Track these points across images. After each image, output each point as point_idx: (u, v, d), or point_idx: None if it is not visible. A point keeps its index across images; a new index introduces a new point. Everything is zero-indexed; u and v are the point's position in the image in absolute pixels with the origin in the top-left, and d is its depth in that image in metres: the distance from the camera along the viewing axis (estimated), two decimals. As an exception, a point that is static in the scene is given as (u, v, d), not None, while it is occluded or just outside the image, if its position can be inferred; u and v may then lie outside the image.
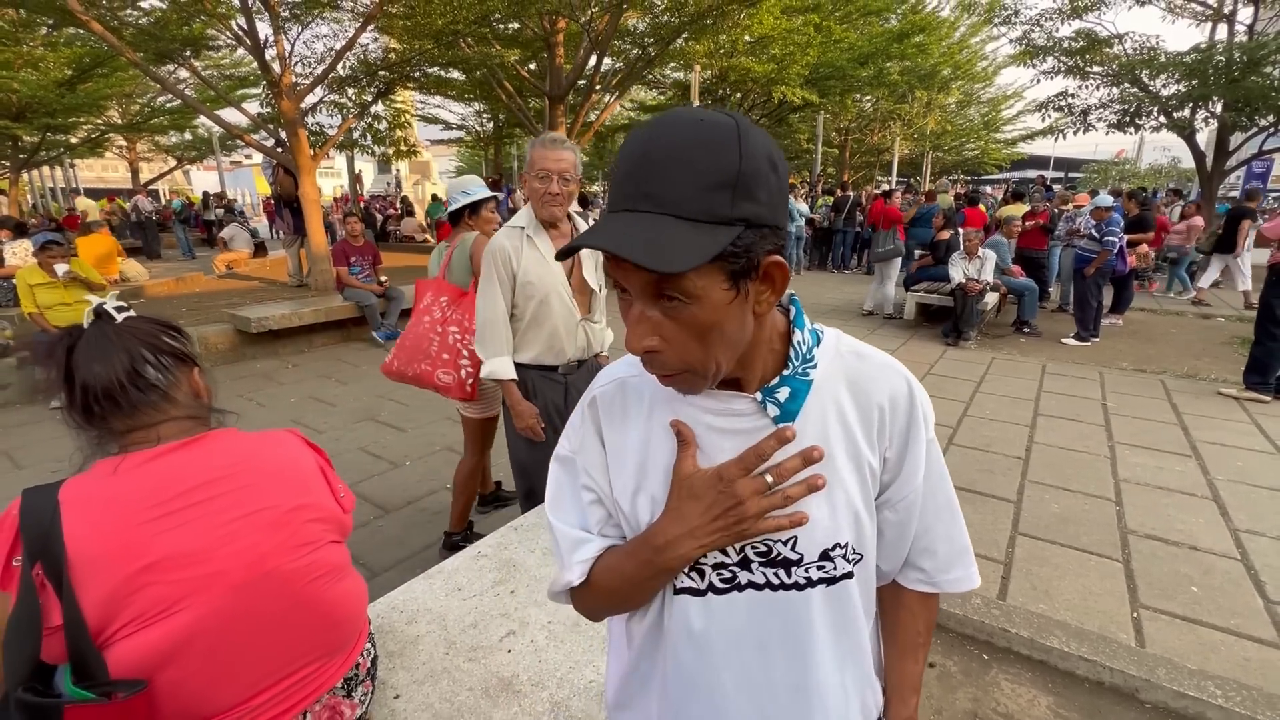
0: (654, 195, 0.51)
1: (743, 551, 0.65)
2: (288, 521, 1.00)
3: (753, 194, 0.52)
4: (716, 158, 0.50)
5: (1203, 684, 1.97)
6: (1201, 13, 11.95)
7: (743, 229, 0.52)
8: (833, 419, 0.64)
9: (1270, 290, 4.62)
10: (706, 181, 0.50)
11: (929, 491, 0.70)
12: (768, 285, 0.57)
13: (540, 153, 1.91)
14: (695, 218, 0.50)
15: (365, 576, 2.55)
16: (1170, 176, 27.79)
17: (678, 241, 0.50)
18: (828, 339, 0.68)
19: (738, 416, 0.64)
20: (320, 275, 7.35)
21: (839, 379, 0.66)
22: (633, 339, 0.57)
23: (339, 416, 4.42)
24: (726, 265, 0.53)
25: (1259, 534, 2.88)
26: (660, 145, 0.51)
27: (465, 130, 19.20)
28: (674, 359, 0.57)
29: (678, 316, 0.55)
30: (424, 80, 10.51)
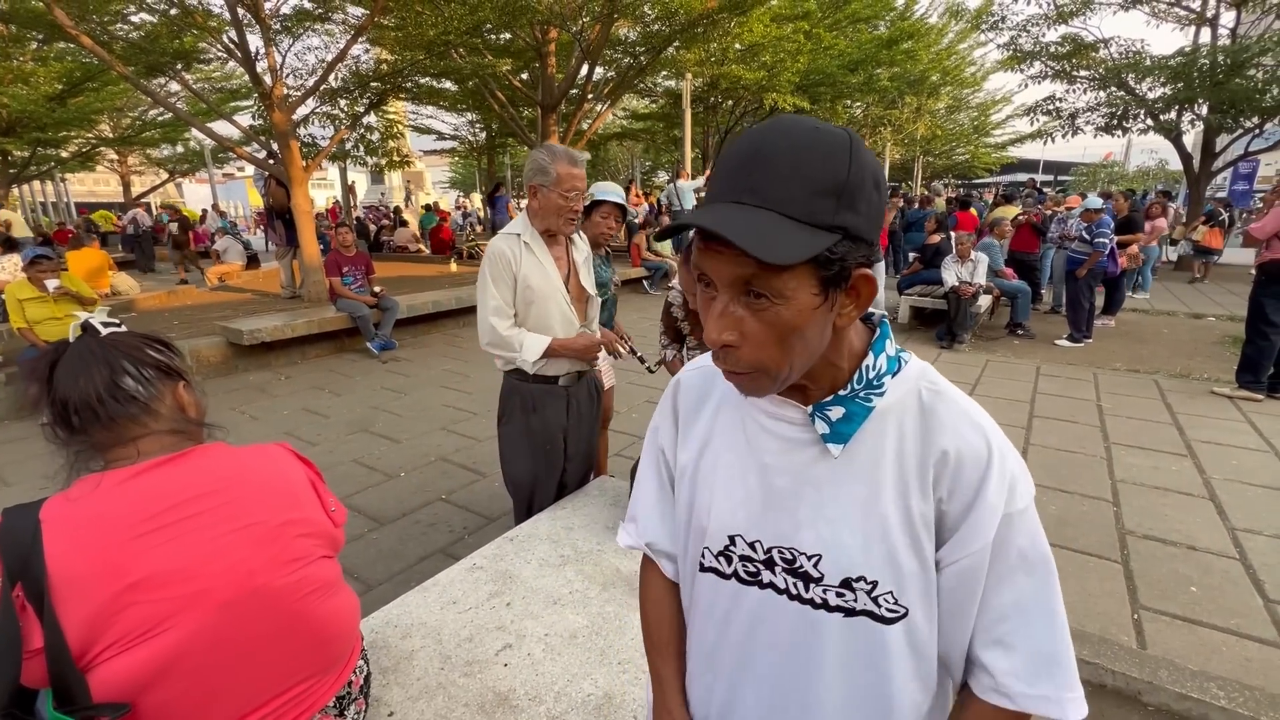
0: (761, 190, 0.52)
1: (769, 552, 0.66)
2: (277, 537, 0.98)
3: (855, 205, 0.53)
4: (827, 164, 0.52)
5: (1205, 685, 1.96)
6: (1185, 17, 12.11)
7: (841, 237, 0.53)
8: (889, 451, 0.61)
9: (1260, 289, 4.65)
10: (815, 185, 0.51)
11: (1004, 570, 0.60)
12: (853, 298, 0.57)
13: (566, 169, 1.91)
14: (799, 218, 0.51)
15: (359, 591, 2.53)
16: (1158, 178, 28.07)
17: (783, 236, 0.50)
18: (909, 370, 0.64)
19: (789, 424, 0.65)
20: (313, 287, 7.32)
21: (908, 413, 0.62)
22: (713, 330, 0.57)
23: (332, 428, 4.38)
24: (820, 271, 0.53)
25: (1256, 532, 2.88)
26: (774, 144, 0.52)
27: (458, 140, 19.24)
28: (749, 356, 0.57)
29: (762, 314, 0.55)
30: (416, 91, 10.53)
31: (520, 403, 2.09)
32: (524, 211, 2.03)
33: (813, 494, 0.63)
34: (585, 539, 1.96)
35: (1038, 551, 0.61)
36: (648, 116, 18.63)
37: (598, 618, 1.59)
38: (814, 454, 0.64)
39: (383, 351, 6.36)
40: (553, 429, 2.12)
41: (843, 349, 0.62)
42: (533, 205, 1.97)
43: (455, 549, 2.80)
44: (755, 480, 0.67)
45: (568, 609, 1.63)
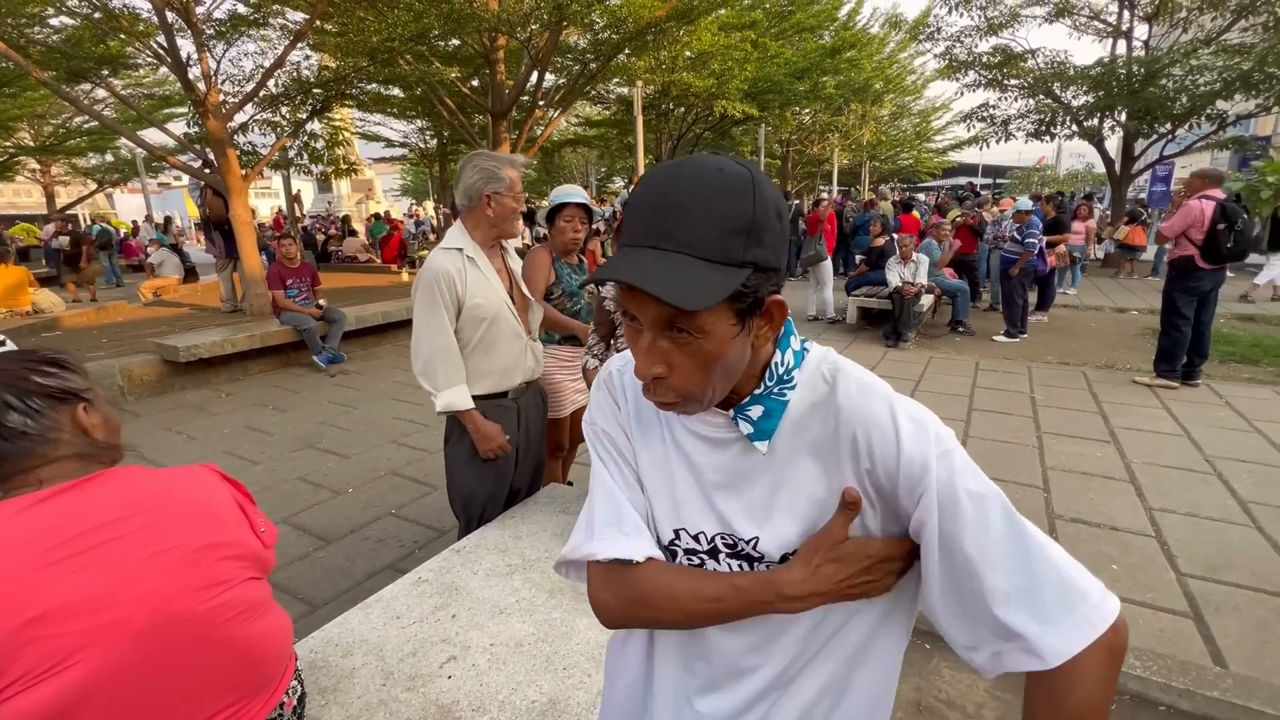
0: (674, 235, 0.54)
1: (713, 541, 0.69)
2: (198, 560, 0.96)
3: (762, 240, 0.56)
4: (733, 205, 0.54)
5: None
6: (1103, 30, 12.89)
7: (752, 271, 0.56)
8: (806, 437, 0.65)
9: (1171, 284, 4.98)
10: (724, 226, 0.54)
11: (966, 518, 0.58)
12: (767, 321, 0.61)
13: (516, 174, 1.91)
14: (711, 258, 0.54)
15: (304, 611, 2.46)
16: (1086, 181, 29.70)
17: (697, 280, 0.53)
18: (810, 359, 0.67)
19: (713, 427, 0.68)
20: (255, 300, 7.07)
21: (817, 398, 0.65)
22: (642, 366, 0.60)
23: (277, 446, 4.24)
24: (735, 304, 0.57)
25: (1171, 511, 3.08)
26: (683, 190, 0.55)
27: (408, 148, 18.90)
28: (678, 385, 0.60)
29: (686, 348, 0.58)
30: (362, 97, 10.32)
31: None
32: (458, 224, 1.99)
33: (745, 487, 0.67)
34: (534, 547, 1.96)
35: (984, 486, 0.60)
36: (601, 123, 18.69)
37: (544, 625, 1.60)
38: (739, 449, 0.67)
39: (330, 365, 6.19)
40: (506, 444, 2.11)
41: (758, 359, 0.65)
42: (487, 215, 1.94)
43: (405, 564, 2.75)
44: (690, 477, 0.70)
45: (514, 618, 1.63)
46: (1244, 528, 2.92)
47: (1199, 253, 4.76)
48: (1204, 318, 4.97)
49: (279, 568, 2.78)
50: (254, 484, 3.63)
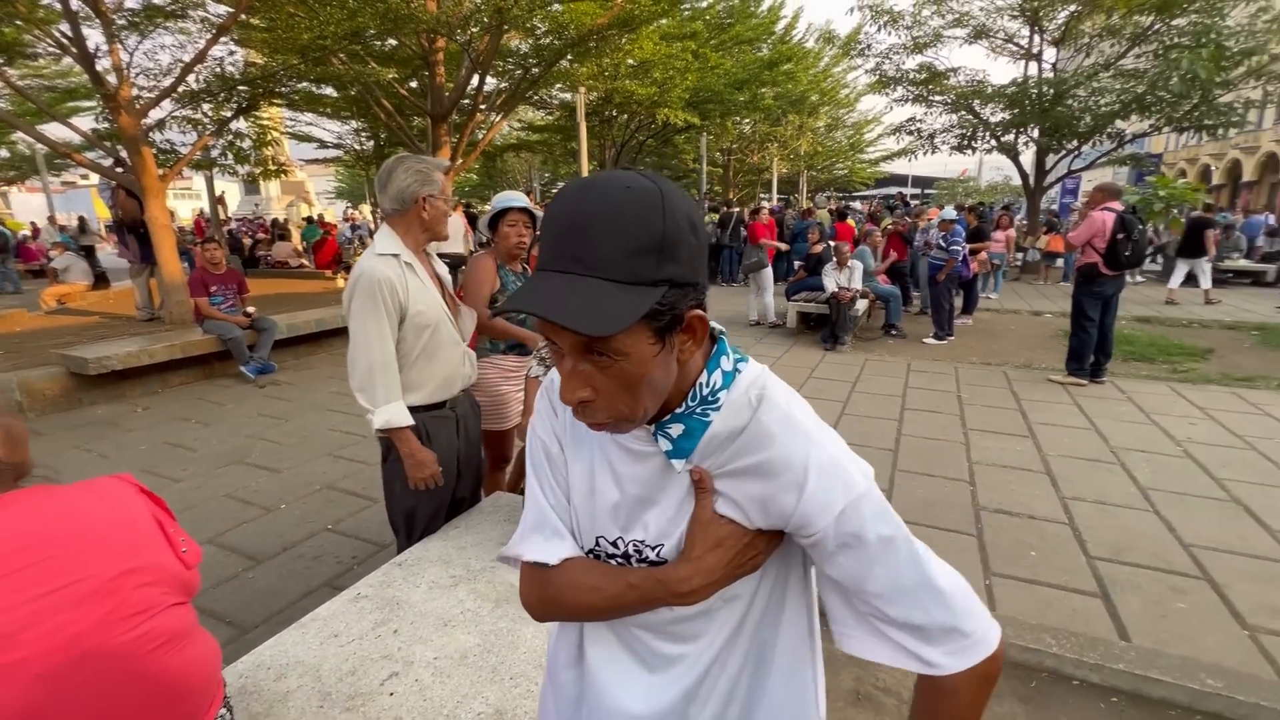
0: (584, 259, 0.54)
1: (628, 547, 0.71)
2: (114, 590, 0.90)
3: (675, 256, 0.55)
4: (643, 224, 0.53)
5: (1040, 636, 2.24)
6: (1016, 52, 13.81)
7: (667, 288, 0.55)
8: (719, 461, 0.66)
9: (1078, 289, 5.39)
10: (633, 246, 0.53)
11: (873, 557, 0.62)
12: (690, 335, 0.61)
13: (444, 177, 1.89)
14: (623, 280, 0.53)
15: (233, 635, 2.34)
16: (1005, 193, 31.69)
17: (606, 304, 0.52)
18: (740, 381, 0.66)
19: (635, 441, 0.69)
20: (175, 307, 6.64)
21: (736, 424, 0.65)
22: (566, 392, 0.60)
23: (201, 462, 4.00)
24: (652, 323, 0.56)
25: (1081, 499, 3.33)
26: (590, 211, 0.54)
27: (343, 149, 18.22)
28: (605, 407, 0.60)
29: (608, 370, 0.58)
30: (293, 96, 9.89)
31: (417, 436, 1.97)
32: (386, 228, 1.91)
33: (660, 500, 0.69)
34: (478, 557, 1.93)
35: (891, 531, 0.63)
36: (544, 128, 18.58)
37: (490, 635, 1.57)
38: (659, 465, 0.68)
39: (260, 375, 5.89)
40: (447, 456, 2.04)
41: (688, 374, 0.65)
42: (421, 218, 1.90)
43: (343, 581, 2.65)
44: (613, 486, 0.71)
45: (459, 630, 1.60)
46: (1144, 512, 3.18)
47: (1102, 260, 5.17)
48: (1107, 320, 5.40)
49: (205, 590, 2.62)
50: (176, 503, 3.40)
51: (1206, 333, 7.67)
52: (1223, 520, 3.09)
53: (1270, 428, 4.35)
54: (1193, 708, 1.99)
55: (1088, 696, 2.05)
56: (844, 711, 2.00)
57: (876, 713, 2.00)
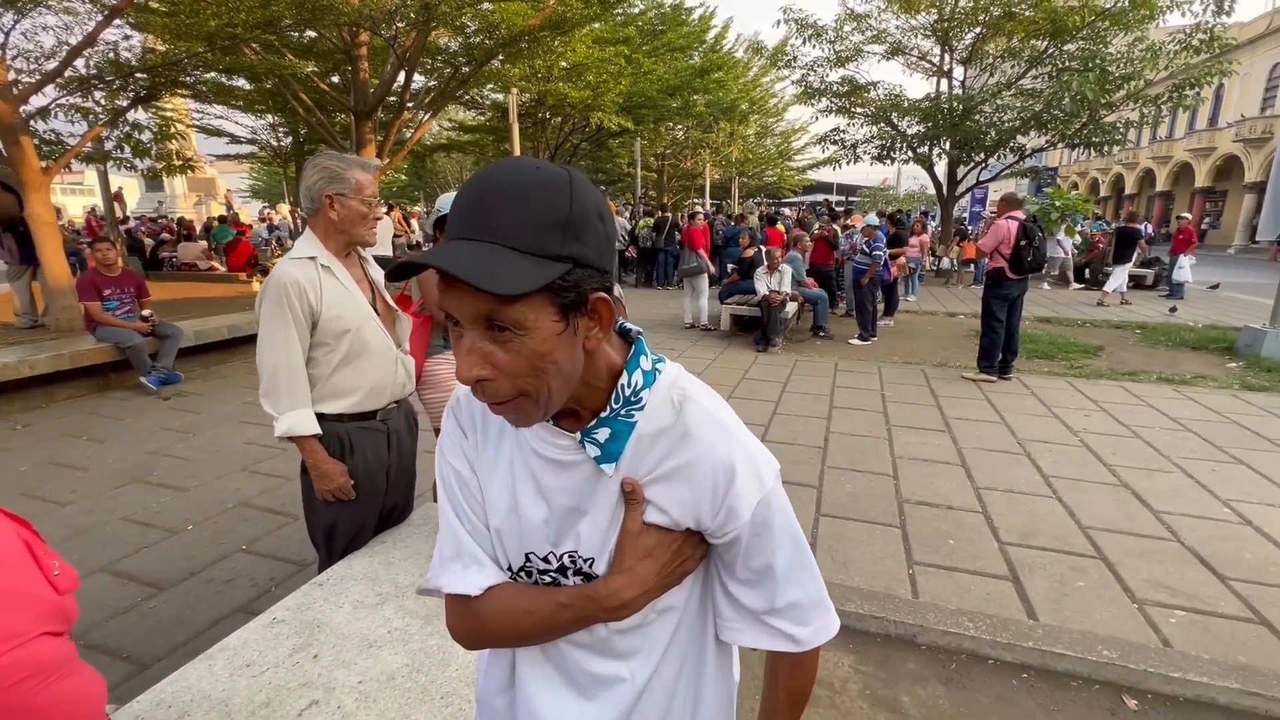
0: (490, 227, 0.53)
1: (561, 559, 0.69)
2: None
3: (581, 236, 0.55)
4: (550, 201, 0.54)
5: (959, 620, 2.37)
6: (929, 69, 14.69)
7: (572, 266, 0.55)
8: (650, 461, 0.66)
9: (987, 292, 5.77)
10: (540, 220, 0.53)
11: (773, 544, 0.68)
12: (596, 321, 0.60)
13: (364, 176, 1.78)
14: (528, 250, 0.53)
15: (131, 672, 2.14)
16: (922, 201, 33.62)
17: (510, 268, 0.52)
18: (661, 381, 0.67)
19: (562, 450, 0.67)
20: (62, 313, 6.05)
21: (664, 423, 0.65)
22: (463, 369, 0.57)
23: (93, 482, 3.65)
24: (556, 298, 0.55)
25: (993, 489, 3.55)
26: (498, 185, 0.54)
27: (258, 145, 17.19)
28: (505, 387, 0.58)
29: (508, 346, 0.56)
30: (200, 87, 9.23)
31: (334, 447, 1.86)
32: (308, 231, 1.83)
33: (591, 508, 0.68)
34: (407, 573, 1.85)
35: (789, 520, 0.69)
36: (476, 129, 18.20)
37: (419, 654, 1.51)
38: (588, 472, 0.67)
39: (163, 386, 5.44)
40: (374, 470, 1.94)
41: (600, 369, 0.64)
42: (330, 219, 1.80)
43: (259, 604, 2.48)
44: (538, 502, 0.69)
45: (385, 650, 1.52)
46: (1047, 498, 3.44)
47: (1007, 265, 5.56)
48: (1013, 321, 5.81)
49: (96, 624, 2.39)
50: (63, 528, 3.10)
51: (1097, 331, 8.39)
52: (1114, 503, 3.37)
53: (1152, 417, 4.80)
54: (1091, 677, 2.15)
55: (1002, 674, 2.19)
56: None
57: (811, 705, 2.04)
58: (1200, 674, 2.09)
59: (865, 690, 2.11)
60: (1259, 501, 3.39)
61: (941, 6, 13.11)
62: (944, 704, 2.05)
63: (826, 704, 2.05)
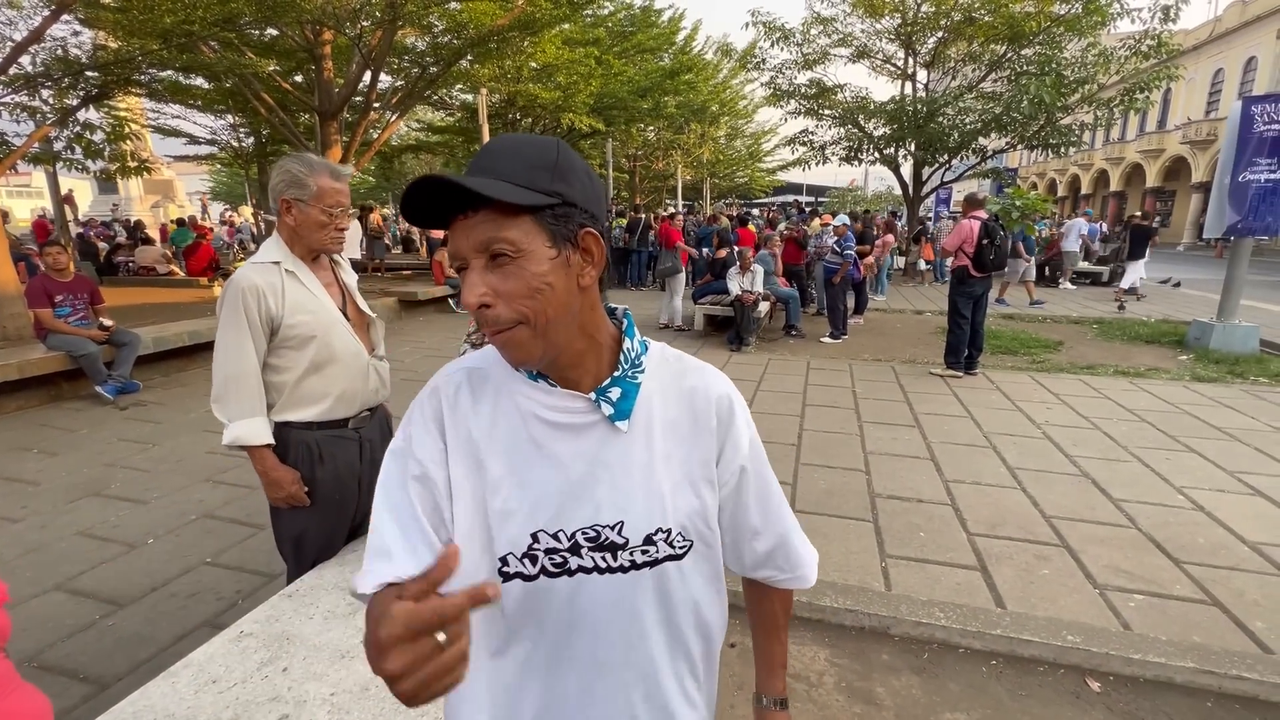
0: (490, 169, 0.62)
1: (573, 538, 0.69)
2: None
3: (568, 179, 0.63)
4: (540, 150, 0.64)
5: (931, 610, 2.42)
6: (894, 72, 14.98)
7: (560, 201, 0.63)
8: (658, 416, 0.72)
9: (952, 290, 5.92)
10: (531, 162, 0.62)
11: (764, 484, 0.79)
12: (588, 259, 0.66)
13: (328, 184, 1.72)
14: (521, 184, 0.61)
15: (90, 693, 2.07)
16: (889, 201, 34.28)
17: (502, 188, 0.59)
18: (654, 348, 0.77)
19: (573, 413, 0.70)
20: (9, 321, 5.80)
21: (666, 380, 0.74)
22: (469, 296, 0.62)
23: (46, 497, 3.50)
24: (548, 225, 0.62)
25: (961, 481, 3.64)
26: (496, 143, 0.64)
27: (218, 146, 16.70)
28: (505, 311, 0.62)
29: (507, 269, 0.61)
30: (155, 85, 8.93)
31: (303, 455, 1.82)
32: (275, 234, 1.79)
33: (606, 473, 0.69)
34: (380, 580, 1.81)
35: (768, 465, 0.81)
36: (445, 130, 17.97)
37: (393, 663, 1.48)
38: (600, 434, 0.70)
39: (120, 396, 5.25)
40: (346, 480, 1.90)
41: (600, 322, 0.71)
42: (286, 223, 1.76)
43: (225, 619, 2.40)
44: (551, 474, 0.69)
45: (358, 660, 1.49)
46: (1012, 490, 3.53)
47: (971, 263, 5.70)
48: (978, 318, 5.96)
49: (50, 644, 2.30)
50: (14, 545, 2.97)
51: (1057, 327, 8.67)
52: (1076, 493, 3.49)
53: (1110, 409, 4.97)
54: (1057, 662, 2.22)
55: (972, 662, 2.24)
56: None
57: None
58: (1159, 655, 2.17)
59: (841, 683, 2.14)
60: (1210, 488, 3.54)
61: (905, 11, 13.40)
62: (917, 693, 2.09)
63: (804, 698, 2.08)
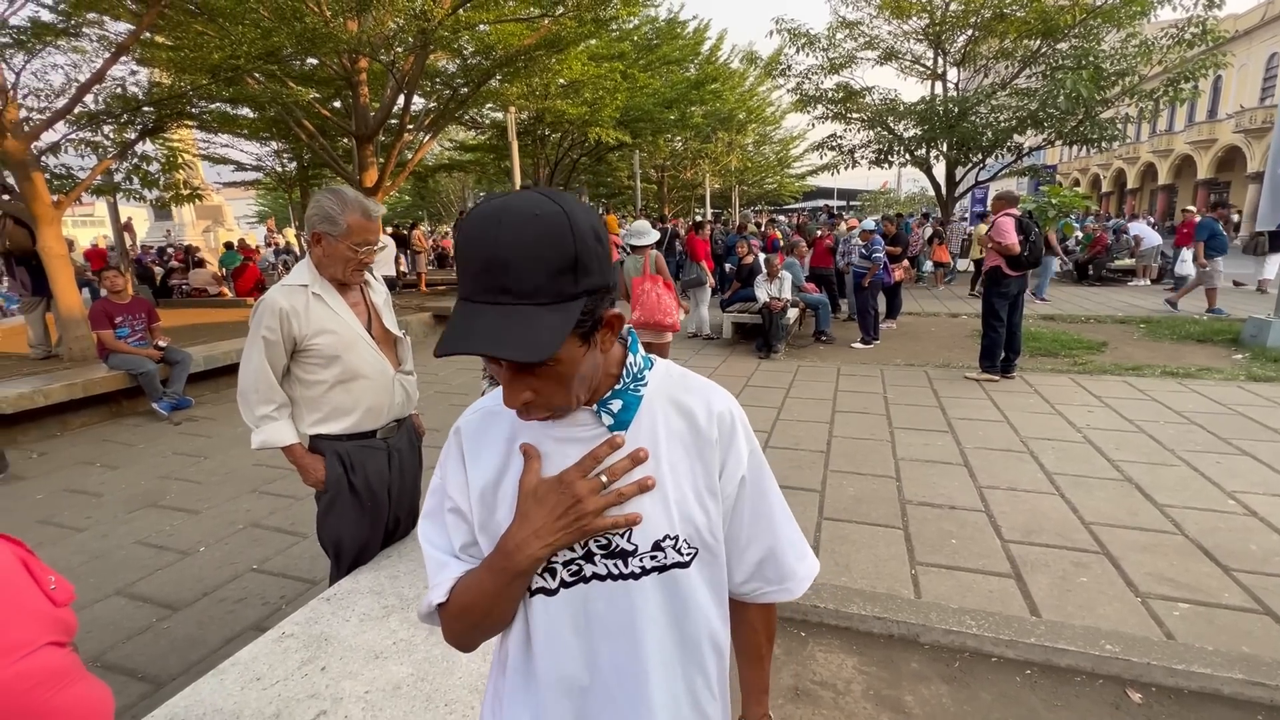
0: (510, 289, 0.59)
1: (586, 546, 0.73)
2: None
3: (589, 269, 0.62)
4: (557, 249, 0.59)
5: (962, 618, 2.38)
6: (923, 72, 14.77)
7: (586, 299, 0.63)
8: (661, 427, 0.74)
9: (987, 291, 5.79)
10: (553, 269, 0.59)
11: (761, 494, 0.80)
12: (609, 331, 0.69)
13: (360, 222, 1.82)
14: (549, 301, 0.60)
15: (147, 691, 2.20)
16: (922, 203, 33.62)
17: (540, 330, 0.59)
18: (659, 364, 0.79)
19: (578, 427, 0.74)
20: (75, 343, 6.18)
21: (668, 394, 0.76)
22: (511, 398, 0.67)
23: (108, 508, 3.72)
24: (579, 331, 0.64)
25: (996, 488, 3.56)
26: (505, 243, 0.58)
27: (263, 171, 17.46)
28: (545, 404, 0.68)
29: (544, 374, 0.65)
30: (205, 117, 9.44)
31: (337, 462, 1.94)
32: (307, 259, 1.91)
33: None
34: (412, 585, 1.89)
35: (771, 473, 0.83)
36: (476, 148, 18.41)
37: (423, 664, 1.54)
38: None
39: (174, 411, 5.54)
40: (376, 486, 2.01)
41: (610, 359, 0.75)
42: (316, 252, 1.88)
43: (270, 622, 2.52)
44: None
45: (391, 661, 1.56)
46: (1050, 495, 3.44)
47: (1004, 262, 5.57)
48: (1014, 319, 5.82)
49: (112, 646, 2.44)
50: (79, 553, 3.17)
51: (1101, 327, 8.37)
52: (1117, 498, 3.37)
53: (1156, 411, 4.78)
54: (1095, 672, 2.16)
55: (1005, 671, 2.19)
56: (784, 709, 2.06)
57: (815, 706, 2.07)
58: (1204, 665, 2.09)
59: (869, 691, 2.13)
60: (1265, 492, 3.38)
61: (932, 11, 13.21)
62: (947, 702, 2.06)
63: (830, 705, 2.07)
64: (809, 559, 0.85)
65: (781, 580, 0.83)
